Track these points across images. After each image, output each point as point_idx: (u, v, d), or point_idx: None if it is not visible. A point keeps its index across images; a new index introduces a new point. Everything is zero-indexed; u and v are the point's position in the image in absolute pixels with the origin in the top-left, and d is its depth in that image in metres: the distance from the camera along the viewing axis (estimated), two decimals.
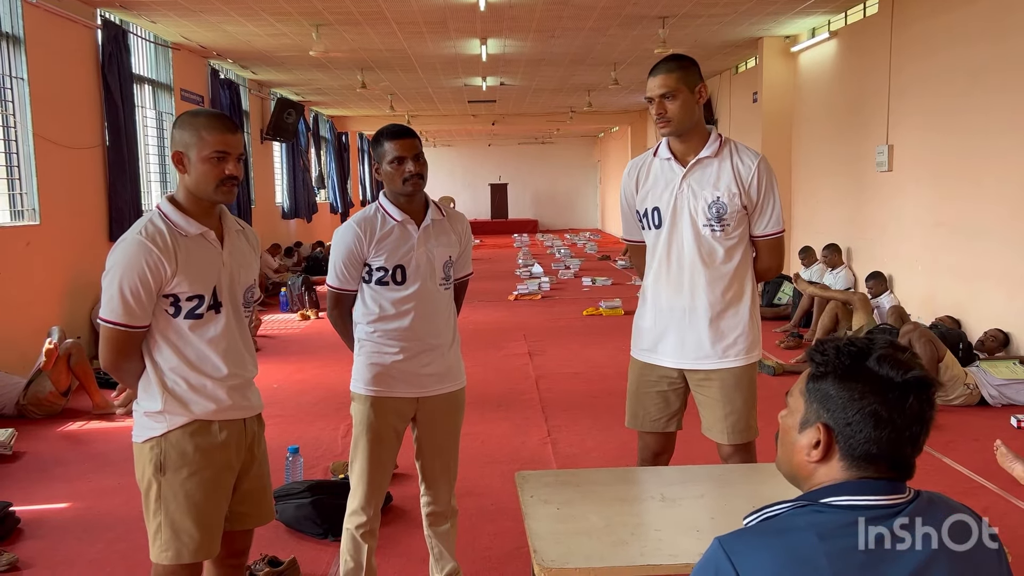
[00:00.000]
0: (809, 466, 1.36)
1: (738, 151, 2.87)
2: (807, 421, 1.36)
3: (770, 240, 2.92)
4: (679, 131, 2.82)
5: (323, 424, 5.53)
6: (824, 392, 1.34)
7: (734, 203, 2.82)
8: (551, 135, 27.38)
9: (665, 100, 2.77)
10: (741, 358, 2.86)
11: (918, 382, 1.29)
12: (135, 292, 2.20)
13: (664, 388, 2.96)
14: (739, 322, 2.86)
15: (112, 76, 8.20)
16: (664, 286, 2.90)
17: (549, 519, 1.92)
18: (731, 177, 2.82)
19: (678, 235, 2.86)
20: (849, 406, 1.30)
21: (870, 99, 8.81)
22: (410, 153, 2.73)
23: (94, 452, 5.16)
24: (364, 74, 12.87)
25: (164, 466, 2.24)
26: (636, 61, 12.37)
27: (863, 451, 1.30)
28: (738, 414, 2.86)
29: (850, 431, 1.30)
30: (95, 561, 3.59)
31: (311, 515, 3.78)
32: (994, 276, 6.75)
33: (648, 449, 3.05)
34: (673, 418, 3.00)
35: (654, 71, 2.80)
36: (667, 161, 2.90)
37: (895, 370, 1.29)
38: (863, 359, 1.31)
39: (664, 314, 2.91)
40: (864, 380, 1.30)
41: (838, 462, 1.33)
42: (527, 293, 11.81)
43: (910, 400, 1.29)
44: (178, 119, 2.32)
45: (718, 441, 2.91)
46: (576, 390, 6.40)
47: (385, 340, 2.80)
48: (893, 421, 1.29)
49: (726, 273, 2.85)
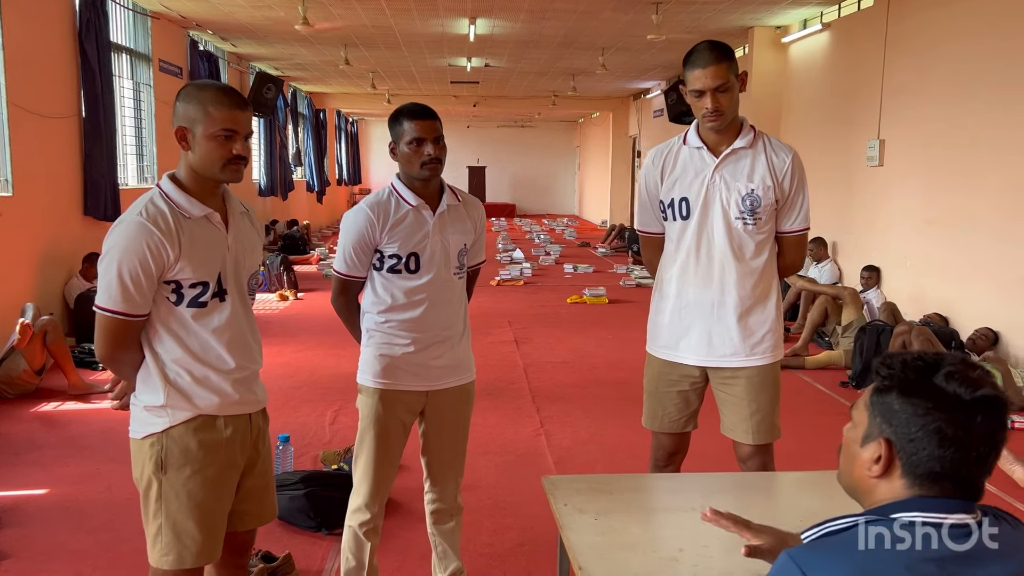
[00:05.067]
0: (870, 481, 1.33)
1: (771, 144, 2.77)
2: (869, 435, 1.32)
3: (797, 236, 2.84)
4: (727, 124, 2.69)
5: (309, 410, 5.38)
6: (888, 406, 1.30)
7: (768, 196, 2.72)
8: (531, 119, 27.17)
9: (719, 93, 2.62)
10: (768, 356, 2.77)
11: (988, 401, 1.24)
12: (135, 278, 2.03)
13: (685, 388, 2.85)
14: (767, 318, 2.77)
15: (89, 44, 7.89)
16: (692, 280, 2.78)
17: (588, 531, 1.81)
18: (766, 170, 2.72)
19: (708, 227, 2.75)
20: (913, 422, 1.26)
21: (862, 93, 8.76)
22: (431, 135, 2.59)
23: (71, 435, 4.97)
24: (348, 50, 12.60)
25: (165, 464, 2.09)
26: (625, 47, 12.24)
27: (926, 469, 1.26)
28: (763, 413, 2.77)
29: (913, 447, 1.27)
30: (78, 552, 3.43)
31: (304, 507, 3.65)
32: (983, 274, 6.75)
33: (663, 449, 2.95)
34: (691, 418, 2.90)
35: (701, 61, 2.62)
36: (698, 150, 2.77)
37: (964, 387, 1.24)
38: (930, 374, 1.27)
39: (690, 309, 2.79)
40: (930, 396, 1.26)
41: (900, 479, 1.29)
42: (509, 279, 11.69)
43: (978, 419, 1.24)
44: (182, 91, 2.14)
45: (741, 441, 2.81)
46: (565, 380, 6.30)
47: (396, 331, 2.67)
48: (959, 440, 1.24)
49: (756, 268, 2.75)
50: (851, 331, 6.76)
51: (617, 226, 17.67)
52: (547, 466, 4.47)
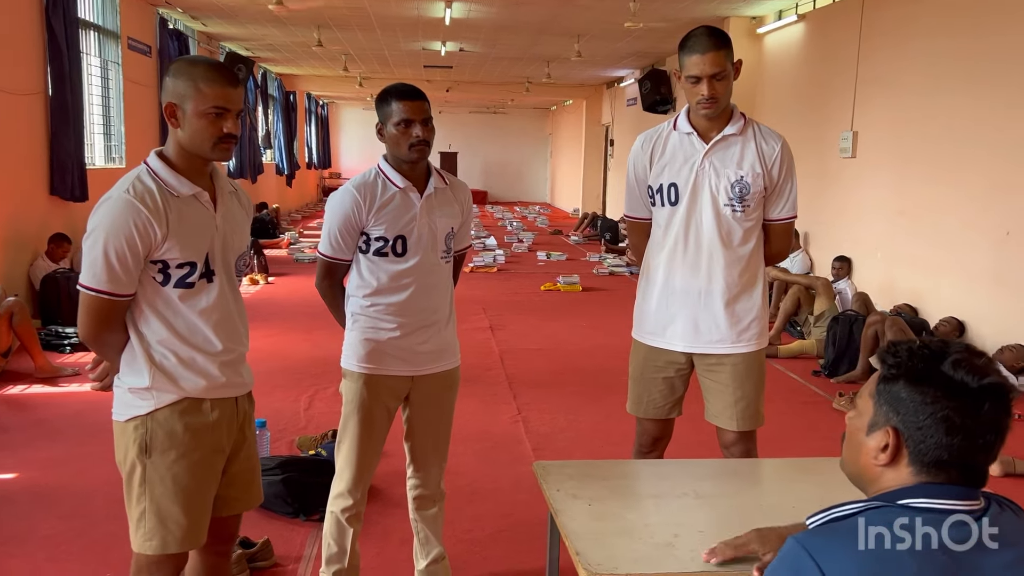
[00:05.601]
0: (876, 469, 1.33)
1: (761, 131, 2.77)
2: (876, 423, 1.32)
3: (784, 224, 2.85)
4: (720, 111, 2.69)
5: (283, 396, 5.33)
6: (895, 395, 1.30)
7: (757, 184, 2.72)
8: (504, 105, 27.06)
9: (716, 80, 2.60)
10: (754, 343, 2.78)
11: (994, 389, 1.26)
12: (121, 257, 1.98)
13: (671, 374, 2.86)
14: (753, 306, 2.78)
15: (57, 19, 7.69)
16: (679, 266, 2.78)
17: (584, 516, 1.80)
18: (755, 157, 2.72)
19: (697, 213, 2.74)
20: (921, 410, 1.27)
21: (836, 84, 8.84)
22: (419, 116, 2.55)
23: (39, 418, 4.87)
24: (321, 32, 12.43)
25: (150, 447, 2.04)
26: (601, 34, 12.22)
27: (933, 457, 1.27)
28: (748, 400, 2.78)
29: (920, 436, 1.27)
30: (49, 537, 3.36)
31: (282, 493, 3.61)
32: (952, 266, 6.86)
33: (647, 434, 2.95)
34: (676, 404, 2.91)
35: (700, 47, 2.59)
36: (688, 136, 2.76)
37: (970, 375, 1.25)
38: (937, 362, 1.28)
39: (677, 295, 2.79)
40: (937, 384, 1.26)
41: (907, 467, 1.30)
42: (483, 266, 11.66)
43: (985, 407, 1.25)
44: (173, 66, 2.08)
45: (725, 427, 2.82)
46: (541, 367, 6.30)
47: (381, 315, 2.64)
48: (966, 428, 1.25)
49: (743, 255, 2.76)
50: (823, 321, 6.84)
51: (589, 214, 17.69)
52: (525, 452, 4.47)
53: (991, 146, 6.40)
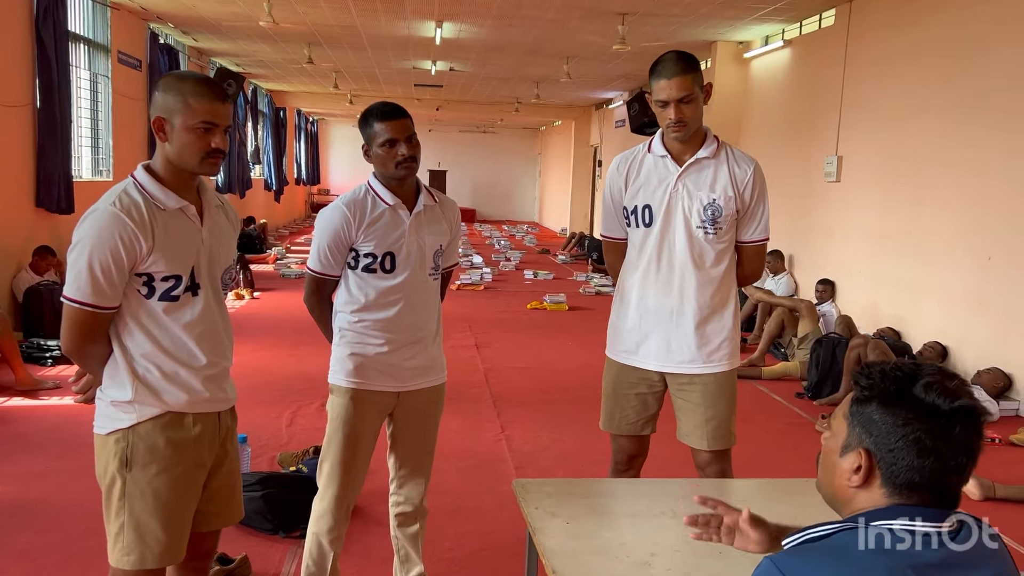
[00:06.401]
0: (849, 490, 1.34)
1: (734, 155, 2.84)
2: (849, 445, 1.33)
3: (756, 246, 2.91)
4: (690, 134, 2.74)
5: (264, 412, 5.30)
6: (867, 417, 1.31)
7: (729, 206, 2.78)
8: (494, 125, 27.18)
9: (683, 104, 2.66)
10: (725, 363, 2.83)
11: (966, 411, 1.26)
12: (106, 269, 1.98)
13: (643, 391, 2.90)
14: (724, 327, 2.83)
15: (47, 32, 7.69)
16: (652, 286, 2.83)
17: (561, 534, 1.81)
18: (728, 180, 2.78)
19: (670, 235, 2.80)
20: (892, 432, 1.27)
21: (821, 109, 8.95)
22: (403, 135, 2.57)
23: (19, 432, 4.82)
24: (311, 49, 12.48)
25: (131, 461, 2.04)
26: (591, 56, 12.32)
27: (905, 479, 1.28)
28: (719, 420, 2.82)
29: (892, 458, 1.28)
30: (24, 552, 3.33)
31: (262, 509, 3.59)
32: (935, 290, 6.92)
33: (623, 452, 2.99)
34: (649, 421, 2.95)
35: (667, 72, 2.66)
36: (662, 159, 2.82)
37: (942, 398, 1.26)
38: (909, 385, 1.28)
39: (650, 315, 2.84)
40: (909, 407, 1.27)
41: (879, 488, 1.30)
42: (469, 283, 11.67)
43: (956, 429, 1.26)
44: (161, 81, 2.10)
45: (696, 447, 2.85)
46: (526, 385, 6.31)
47: (369, 331, 2.64)
48: (938, 450, 1.26)
49: (715, 277, 2.81)
50: (807, 343, 6.88)
51: (577, 234, 17.76)
52: (508, 471, 4.46)
53: (974, 171, 6.48)
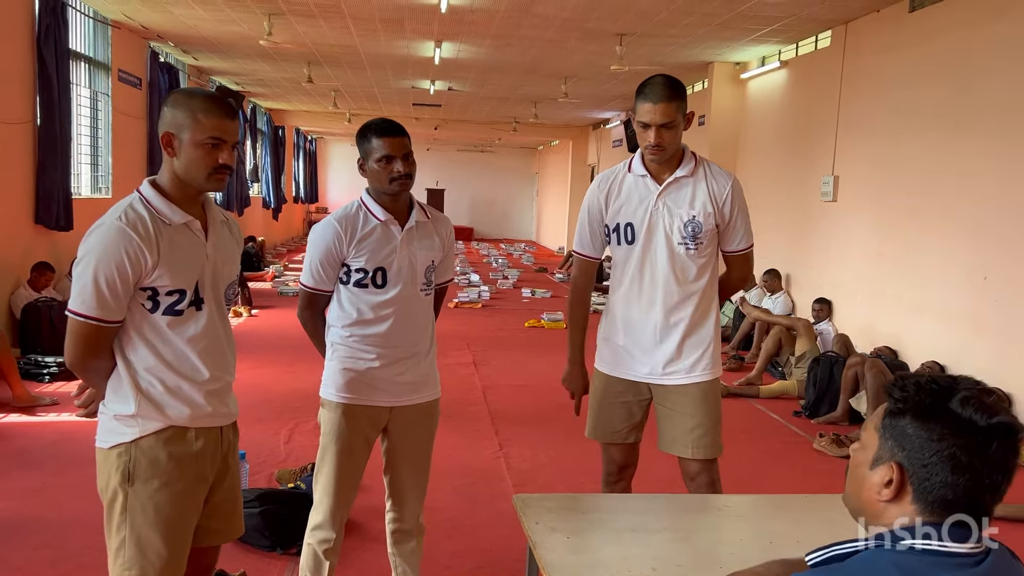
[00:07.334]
0: (879, 504, 1.29)
1: (712, 171, 2.89)
2: (880, 458, 1.29)
3: (741, 254, 2.98)
4: (667, 157, 2.80)
5: (263, 428, 5.30)
6: (900, 430, 1.27)
7: (709, 222, 2.85)
8: (492, 144, 27.31)
9: (664, 129, 2.73)
10: (707, 373, 2.89)
11: (1004, 428, 1.22)
12: (111, 283, 1.99)
13: (629, 399, 2.95)
14: (705, 338, 2.89)
15: (48, 50, 7.74)
16: (635, 301, 2.90)
17: (561, 549, 1.82)
18: (706, 197, 2.84)
19: (652, 252, 2.87)
20: (926, 447, 1.23)
21: (818, 130, 9.01)
22: (400, 152, 2.60)
23: (16, 448, 4.81)
24: (311, 68, 12.55)
25: (133, 475, 2.04)
26: (589, 76, 12.41)
27: (938, 495, 1.23)
28: (704, 428, 2.85)
29: (925, 473, 1.23)
30: (20, 569, 3.32)
31: (260, 526, 3.59)
32: (932, 309, 6.95)
33: (613, 462, 3.03)
34: (634, 429, 2.99)
35: (653, 96, 2.71)
36: (642, 178, 2.89)
37: (979, 414, 1.22)
38: (946, 399, 1.24)
39: (634, 329, 2.90)
40: (945, 421, 1.23)
41: (910, 504, 1.26)
42: (467, 301, 11.69)
43: (993, 446, 1.21)
44: (170, 96, 2.12)
45: (681, 456, 2.89)
46: (524, 403, 6.31)
47: (361, 346, 2.66)
48: (973, 467, 1.21)
49: (696, 291, 2.88)
50: (804, 361, 6.89)
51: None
52: (506, 488, 4.46)
53: (969, 191, 6.53)
